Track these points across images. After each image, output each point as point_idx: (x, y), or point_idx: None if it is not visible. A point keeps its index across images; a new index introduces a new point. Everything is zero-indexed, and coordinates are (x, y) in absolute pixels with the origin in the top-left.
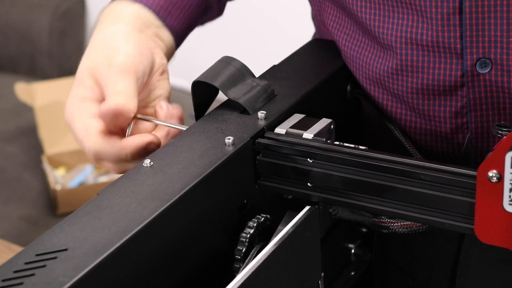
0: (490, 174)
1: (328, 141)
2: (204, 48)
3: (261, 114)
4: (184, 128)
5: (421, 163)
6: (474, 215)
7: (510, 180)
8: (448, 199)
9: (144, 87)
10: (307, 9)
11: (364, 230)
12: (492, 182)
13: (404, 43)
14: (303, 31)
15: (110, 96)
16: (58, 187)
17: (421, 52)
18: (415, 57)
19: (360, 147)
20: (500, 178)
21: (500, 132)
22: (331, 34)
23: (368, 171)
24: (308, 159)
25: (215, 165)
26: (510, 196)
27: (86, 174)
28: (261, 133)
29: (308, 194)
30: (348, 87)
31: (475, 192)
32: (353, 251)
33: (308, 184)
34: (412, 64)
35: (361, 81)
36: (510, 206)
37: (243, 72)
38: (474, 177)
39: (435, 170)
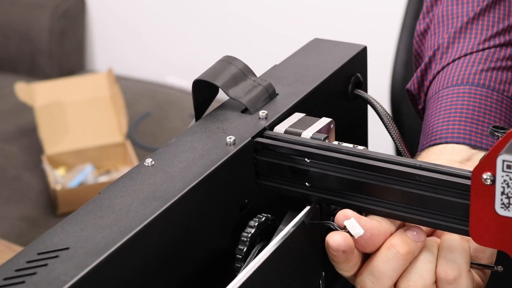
0: (484, 176)
1: (327, 141)
2: (204, 48)
3: (262, 113)
4: None
5: (417, 164)
6: (469, 217)
7: (502, 183)
8: (444, 201)
9: None
10: (307, 9)
11: None
12: (486, 184)
13: None
14: (303, 31)
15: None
16: (58, 187)
17: None
18: None
19: (358, 147)
20: (494, 180)
21: (496, 133)
22: None
23: (364, 171)
24: (306, 159)
25: (216, 165)
26: (501, 199)
27: (86, 174)
28: (262, 133)
29: (306, 194)
30: (350, 87)
31: (470, 194)
32: None
33: (306, 183)
34: None
35: None
36: (502, 209)
37: (245, 71)
38: (469, 178)
39: (430, 171)
